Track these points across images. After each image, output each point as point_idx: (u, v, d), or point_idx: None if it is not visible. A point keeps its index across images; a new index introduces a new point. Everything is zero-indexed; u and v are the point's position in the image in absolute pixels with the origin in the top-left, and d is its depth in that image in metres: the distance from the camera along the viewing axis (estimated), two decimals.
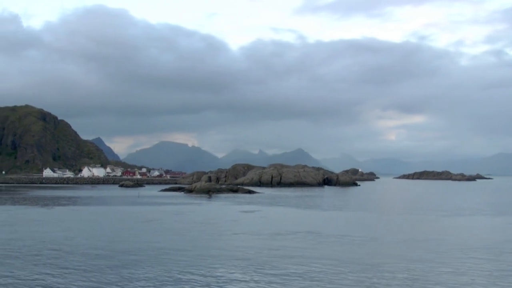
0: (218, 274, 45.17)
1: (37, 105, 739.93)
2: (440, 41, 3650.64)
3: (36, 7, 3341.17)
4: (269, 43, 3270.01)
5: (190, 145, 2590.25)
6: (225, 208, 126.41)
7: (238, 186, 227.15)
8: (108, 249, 57.89)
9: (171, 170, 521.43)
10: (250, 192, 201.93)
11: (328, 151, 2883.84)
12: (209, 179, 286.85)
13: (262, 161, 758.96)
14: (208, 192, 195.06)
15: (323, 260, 52.41)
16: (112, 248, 58.52)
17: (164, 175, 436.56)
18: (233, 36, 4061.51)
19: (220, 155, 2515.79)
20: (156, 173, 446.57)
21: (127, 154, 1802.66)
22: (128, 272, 45.59)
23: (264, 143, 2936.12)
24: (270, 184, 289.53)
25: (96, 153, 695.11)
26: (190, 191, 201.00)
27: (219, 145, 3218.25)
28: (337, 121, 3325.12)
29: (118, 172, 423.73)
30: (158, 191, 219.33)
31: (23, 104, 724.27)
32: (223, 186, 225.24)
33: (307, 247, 61.55)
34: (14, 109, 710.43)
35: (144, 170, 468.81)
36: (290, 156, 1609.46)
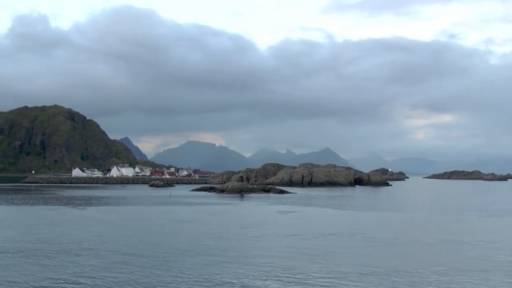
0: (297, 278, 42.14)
1: (66, 105, 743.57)
2: (469, 39, 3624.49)
3: (64, 8, 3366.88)
4: (298, 42, 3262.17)
5: (217, 144, 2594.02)
6: (260, 209, 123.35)
7: (270, 186, 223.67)
8: (152, 251, 55.08)
9: (199, 170, 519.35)
10: (282, 192, 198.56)
11: (356, 151, 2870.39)
12: (241, 179, 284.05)
13: (290, 160, 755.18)
14: (240, 192, 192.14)
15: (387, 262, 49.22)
16: (157, 250, 55.71)
17: (192, 174, 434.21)
18: (261, 36, 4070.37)
19: (247, 154, 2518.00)
20: (185, 172, 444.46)
21: (154, 153, 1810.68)
22: (175, 275, 42.77)
23: (292, 142, 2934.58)
24: (301, 184, 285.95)
25: (124, 153, 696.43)
26: (221, 191, 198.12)
27: (246, 144, 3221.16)
28: (365, 120, 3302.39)
29: (147, 172, 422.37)
30: (189, 191, 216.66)
31: (51, 104, 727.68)
32: (255, 186, 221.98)
33: (361, 249, 58.38)
34: (43, 109, 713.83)
35: (172, 169, 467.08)
36: (318, 155, 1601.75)
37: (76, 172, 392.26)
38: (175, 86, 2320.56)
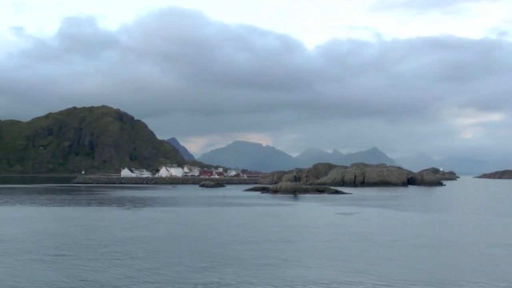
0: None
1: (114, 105, 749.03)
2: None
3: (111, 9, 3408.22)
4: (345, 41, 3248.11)
5: (264, 144, 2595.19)
6: (319, 210, 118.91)
7: (324, 186, 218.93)
8: (218, 256, 51.15)
9: (247, 170, 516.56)
10: (337, 192, 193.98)
11: (404, 150, 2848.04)
12: (295, 179, 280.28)
13: (337, 160, 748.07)
14: (294, 192, 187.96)
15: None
16: (224, 255, 51.75)
17: (241, 174, 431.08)
18: (308, 35, 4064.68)
19: (294, 154, 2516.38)
20: (233, 172, 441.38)
21: (201, 153, 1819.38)
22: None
23: (338, 142, 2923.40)
24: (353, 183, 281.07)
25: (172, 153, 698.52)
26: (275, 191, 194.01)
27: (293, 144, 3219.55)
28: (413, 119, 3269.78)
29: (196, 172, 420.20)
30: (242, 191, 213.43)
31: (100, 104, 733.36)
32: (309, 186, 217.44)
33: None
34: (91, 109, 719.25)
35: (220, 170, 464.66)
36: (365, 155, 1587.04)
37: (125, 173, 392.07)
38: (222, 87, 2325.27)
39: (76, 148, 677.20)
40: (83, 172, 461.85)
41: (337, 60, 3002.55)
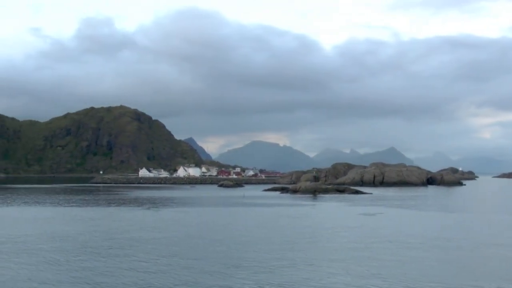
0: None
1: (132, 105, 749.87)
2: None
3: (129, 10, 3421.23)
4: (363, 41, 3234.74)
5: (281, 144, 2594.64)
6: (341, 211, 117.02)
7: (344, 186, 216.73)
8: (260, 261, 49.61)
9: (265, 170, 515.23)
10: (357, 192, 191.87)
11: (421, 150, 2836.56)
12: (314, 179, 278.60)
13: (354, 160, 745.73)
14: (314, 192, 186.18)
15: None
16: (247, 257, 50.20)
17: (259, 174, 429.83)
18: (326, 35, 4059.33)
19: (311, 154, 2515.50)
20: (251, 172, 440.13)
21: (218, 153, 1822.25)
22: None
23: (356, 142, 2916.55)
24: (373, 183, 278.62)
25: (190, 153, 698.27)
26: (295, 191, 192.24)
27: (310, 144, 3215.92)
28: (431, 119, 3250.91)
29: (214, 172, 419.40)
30: (261, 191, 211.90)
31: (117, 104, 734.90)
32: (329, 186, 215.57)
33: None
34: (109, 109, 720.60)
35: (238, 169, 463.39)
36: (383, 155, 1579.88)
37: (143, 172, 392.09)
38: (239, 87, 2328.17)
39: (94, 148, 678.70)
40: (101, 172, 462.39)
41: (355, 60, 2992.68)
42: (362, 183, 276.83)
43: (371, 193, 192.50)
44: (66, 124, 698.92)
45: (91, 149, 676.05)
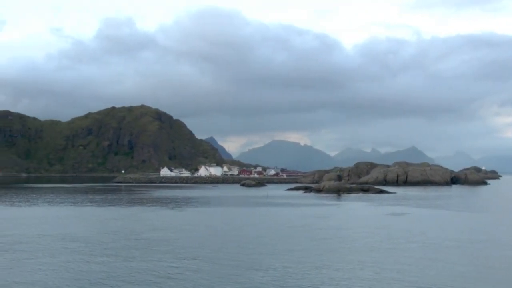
0: None
1: (153, 105, 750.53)
2: None
3: (149, 10, 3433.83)
4: (384, 40, 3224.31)
5: (302, 143, 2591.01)
6: (368, 210, 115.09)
7: (369, 185, 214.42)
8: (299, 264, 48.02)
9: (286, 169, 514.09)
10: (382, 191, 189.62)
11: (443, 149, 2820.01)
12: (338, 178, 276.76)
13: (375, 159, 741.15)
14: (338, 191, 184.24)
15: None
16: (280, 257, 48.66)
17: (280, 174, 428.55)
18: (347, 34, 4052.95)
19: (332, 153, 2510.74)
20: (272, 172, 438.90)
21: (239, 153, 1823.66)
22: None
23: (377, 141, 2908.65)
24: (396, 183, 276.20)
25: (211, 152, 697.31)
26: (318, 190, 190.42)
27: (331, 143, 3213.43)
28: (453, 118, 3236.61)
29: (235, 171, 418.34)
30: (284, 190, 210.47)
31: (139, 104, 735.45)
32: (353, 185, 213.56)
33: None
34: (130, 109, 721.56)
35: (259, 169, 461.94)
36: (404, 154, 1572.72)
37: (165, 172, 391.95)
38: (260, 86, 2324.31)
39: (115, 148, 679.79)
40: (123, 171, 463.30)
41: (376, 59, 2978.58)
42: (386, 182, 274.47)
43: (395, 193, 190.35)
44: (87, 124, 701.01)
45: (112, 148, 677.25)
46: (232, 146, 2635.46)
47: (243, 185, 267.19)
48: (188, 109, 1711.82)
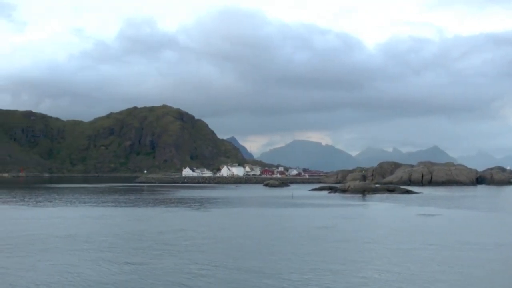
0: None
1: (174, 105, 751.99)
2: None
3: (170, 10, 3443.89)
4: (406, 38, 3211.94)
5: (323, 143, 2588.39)
6: (398, 211, 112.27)
7: (394, 185, 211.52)
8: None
9: (308, 169, 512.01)
10: (408, 192, 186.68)
11: (465, 149, 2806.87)
12: (363, 178, 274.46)
13: (397, 159, 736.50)
14: (363, 192, 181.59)
15: None
16: (315, 259, 46.34)
17: (302, 174, 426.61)
18: (368, 33, 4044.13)
19: (353, 153, 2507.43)
20: (294, 172, 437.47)
21: (260, 153, 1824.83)
22: None
23: (398, 140, 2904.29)
24: (421, 182, 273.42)
25: (232, 152, 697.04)
26: (343, 190, 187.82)
27: (352, 143, 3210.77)
28: (475, 117, 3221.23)
29: (257, 171, 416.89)
30: (308, 190, 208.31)
31: (160, 104, 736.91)
32: (378, 185, 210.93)
33: None
34: (152, 109, 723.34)
35: (281, 169, 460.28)
36: (425, 154, 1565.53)
37: (187, 172, 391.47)
38: (281, 86, 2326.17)
39: (137, 148, 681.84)
40: (145, 171, 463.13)
41: (398, 58, 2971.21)
42: (410, 182, 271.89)
43: (421, 193, 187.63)
44: (109, 124, 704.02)
45: (134, 148, 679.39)
46: (253, 146, 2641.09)
47: (266, 185, 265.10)
48: (209, 109, 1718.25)
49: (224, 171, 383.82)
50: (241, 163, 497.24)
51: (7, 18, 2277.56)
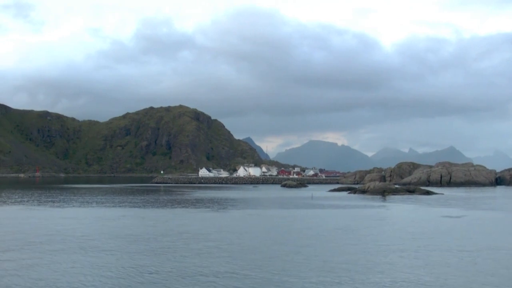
0: None
1: (191, 105, 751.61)
2: None
3: (187, 10, 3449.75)
4: (423, 38, 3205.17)
5: (339, 144, 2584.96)
6: (421, 212, 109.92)
7: (414, 186, 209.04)
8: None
9: (325, 169, 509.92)
10: (428, 193, 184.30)
11: (481, 149, 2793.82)
12: (383, 179, 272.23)
13: (413, 159, 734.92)
14: (383, 192, 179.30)
15: None
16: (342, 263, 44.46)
17: (319, 174, 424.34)
18: (386, 33, 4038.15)
19: (370, 153, 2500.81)
20: (311, 172, 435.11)
21: (276, 153, 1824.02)
22: None
23: (415, 141, 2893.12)
24: (439, 183, 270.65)
25: (249, 152, 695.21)
26: (363, 191, 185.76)
27: (369, 143, 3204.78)
28: (493, 117, 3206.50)
29: (274, 171, 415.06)
30: (327, 191, 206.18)
31: (177, 104, 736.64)
32: (397, 186, 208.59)
33: None
34: (168, 109, 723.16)
35: (298, 169, 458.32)
36: (442, 154, 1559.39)
37: (203, 172, 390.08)
38: (298, 86, 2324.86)
39: (153, 148, 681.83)
40: (162, 172, 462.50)
41: (415, 58, 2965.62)
42: (429, 183, 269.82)
43: (442, 194, 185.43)
44: (125, 124, 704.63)
45: (150, 148, 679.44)
46: (269, 146, 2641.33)
47: (284, 185, 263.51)
48: (226, 109, 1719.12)
49: (241, 172, 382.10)
50: (257, 164, 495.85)
51: (25, 19, 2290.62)
